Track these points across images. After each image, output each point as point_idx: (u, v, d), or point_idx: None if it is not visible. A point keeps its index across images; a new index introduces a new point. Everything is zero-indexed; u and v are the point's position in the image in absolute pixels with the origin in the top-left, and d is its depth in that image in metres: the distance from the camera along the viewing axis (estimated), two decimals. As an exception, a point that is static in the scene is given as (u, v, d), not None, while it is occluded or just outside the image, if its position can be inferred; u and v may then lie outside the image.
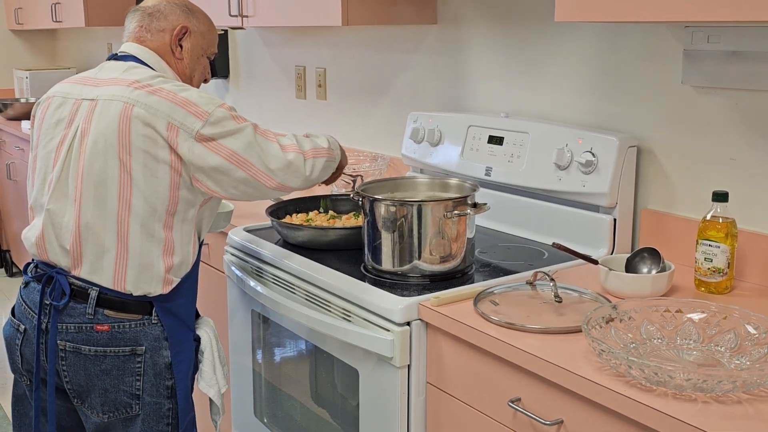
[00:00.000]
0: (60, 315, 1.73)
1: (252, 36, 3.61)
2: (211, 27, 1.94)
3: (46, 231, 1.76)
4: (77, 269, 1.74)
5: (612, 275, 1.73)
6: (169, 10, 1.86)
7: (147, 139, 1.68)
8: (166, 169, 1.70)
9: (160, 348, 1.77)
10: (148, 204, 1.70)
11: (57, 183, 1.74)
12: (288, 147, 1.82)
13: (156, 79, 1.75)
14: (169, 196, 1.71)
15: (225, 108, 1.75)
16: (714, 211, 1.75)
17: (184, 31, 1.86)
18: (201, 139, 1.70)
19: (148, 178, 1.69)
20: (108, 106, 1.71)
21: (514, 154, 2.20)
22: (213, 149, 1.71)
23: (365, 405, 1.83)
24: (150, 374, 1.76)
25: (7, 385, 3.80)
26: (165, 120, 1.68)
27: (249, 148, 1.75)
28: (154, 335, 1.76)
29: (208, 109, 1.72)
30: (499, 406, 1.56)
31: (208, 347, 1.87)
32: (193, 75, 1.91)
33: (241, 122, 1.76)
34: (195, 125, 1.69)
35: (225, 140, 1.72)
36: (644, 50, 2.00)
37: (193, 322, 1.87)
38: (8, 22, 5.73)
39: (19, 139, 4.68)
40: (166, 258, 1.74)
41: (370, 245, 1.89)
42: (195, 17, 1.90)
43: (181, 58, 1.88)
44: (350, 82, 3.06)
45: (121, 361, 1.74)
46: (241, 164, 1.74)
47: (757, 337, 1.43)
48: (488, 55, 2.44)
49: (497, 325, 1.57)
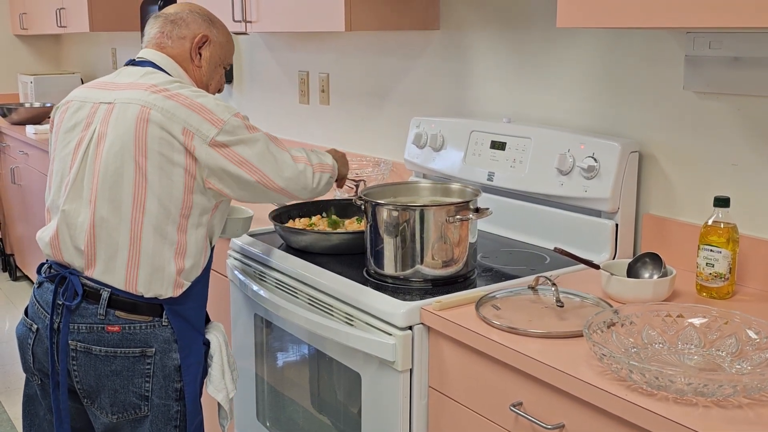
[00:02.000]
0: (72, 315, 1.75)
1: (256, 41, 3.63)
2: (230, 38, 1.98)
3: (60, 231, 1.78)
4: (90, 270, 1.76)
5: (614, 280, 1.74)
6: (191, 19, 1.90)
7: (163, 141, 1.71)
8: (180, 172, 1.72)
9: (169, 350, 1.78)
10: (162, 206, 1.72)
11: (73, 184, 1.77)
12: (299, 158, 1.86)
13: (173, 84, 1.78)
14: (183, 198, 1.74)
15: (239, 117, 1.78)
16: (716, 216, 1.75)
17: (204, 39, 1.90)
18: (215, 145, 1.73)
19: (163, 181, 1.72)
20: (125, 109, 1.74)
21: (516, 159, 2.20)
22: (226, 156, 1.74)
23: (367, 409, 1.84)
24: (159, 376, 1.77)
25: (11, 389, 3.81)
26: (181, 125, 1.71)
27: (262, 157, 1.78)
28: (164, 337, 1.77)
29: (223, 117, 1.74)
30: (501, 410, 1.57)
31: (217, 351, 1.88)
32: (210, 83, 1.94)
33: (254, 132, 1.79)
34: (210, 132, 1.72)
35: (238, 147, 1.75)
36: (646, 56, 2.01)
37: (202, 325, 1.88)
38: (13, 27, 5.76)
39: (24, 143, 4.69)
40: (178, 261, 1.76)
41: (372, 250, 1.89)
42: (215, 27, 1.93)
43: (200, 66, 1.91)
44: (353, 87, 3.07)
45: (130, 362, 1.76)
46: (254, 172, 1.77)
47: (758, 341, 1.44)
48: (490, 61, 2.45)
49: (499, 330, 1.58)
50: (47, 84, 5.40)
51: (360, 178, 2.33)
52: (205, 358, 1.87)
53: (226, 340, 1.92)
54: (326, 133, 3.25)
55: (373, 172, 2.73)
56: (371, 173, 2.71)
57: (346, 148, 3.11)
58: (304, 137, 3.38)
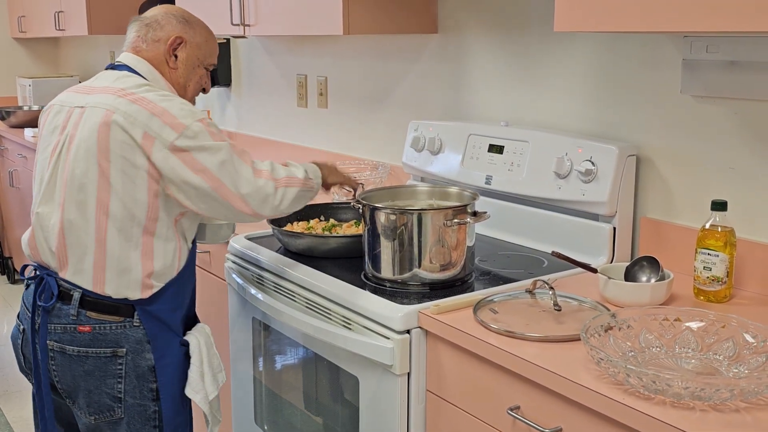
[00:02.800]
0: (49, 316, 1.79)
1: (254, 44, 3.63)
2: (209, 38, 1.96)
3: (36, 233, 1.82)
4: (63, 271, 1.79)
5: (611, 284, 1.74)
6: (165, 21, 1.90)
7: (125, 145, 1.72)
8: (144, 176, 1.73)
9: (142, 351, 1.80)
10: (126, 209, 1.74)
11: (47, 187, 1.80)
12: (261, 172, 1.80)
13: (141, 87, 1.79)
14: (148, 202, 1.75)
15: (203, 123, 1.76)
16: (713, 220, 1.76)
17: (179, 41, 1.89)
18: (175, 150, 1.72)
19: (127, 184, 1.73)
20: (93, 114, 1.76)
21: (514, 162, 2.20)
22: (186, 162, 1.72)
23: (365, 412, 1.84)
24: (132, 376, 1.80)
25: (9, 392, 3.81)
26: (142, 129, 1.71)
27: (222, 167, 1.74)
28: (136, 338, 1.79)
29: (185, 122, 1.73)
30: (499, 414, 1.57)
31: (196, 353, 1.88)
32: (188, 85, 1.93)
33: (217, 139, 1.76)
34: (170, 136, 1.71)
35: (199, 155, 1.73)
36: (643, 60, 2.01)
37: (180, 327, 1.89)
38: (11, 30, 5.76)
39: (22, 146, 4.70)
40: (146, 263, 1.77)
41: (370, 253, 1.89)
42: (192, 28, 1.92)
43: (176, 68, 1.90)
44: (351, 90, 3.07)
45: (102, 363, 1.78)
46: (212, 181, 1.74)
47: (755, 345, 1.44)
48: (488, 64, 2.45)
49: (497, 333, 1.58)
50: (46, 87, 5.40)
51: (358, 181, 2.33)
52: (188, 358, 1.89)
53: (209, 342, 1.93)
54: (324, 137, 3.25)
55: (371, 175, 2.73)
56: (369, 176, 2.72)
57: (344, 152, 3.11)
58: (303, 141, 3.38)
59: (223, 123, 3.97)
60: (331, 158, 3.07)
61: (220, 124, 3.97)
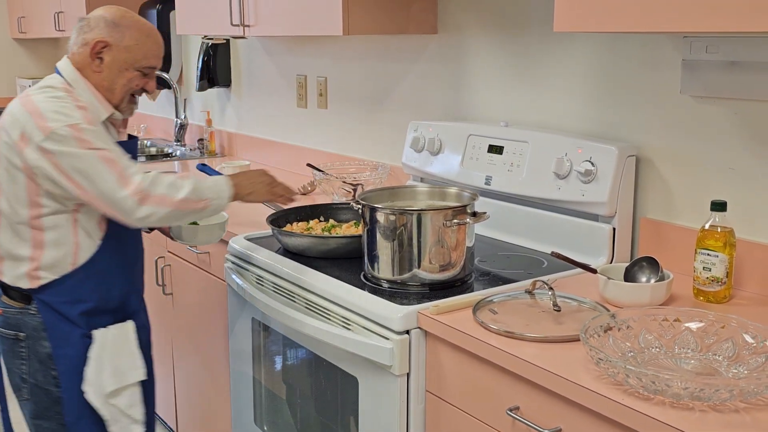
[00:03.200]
0: None
1: (253, 45, 3.63)
2: (143, 41, 1.94)
3: None
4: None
5: (611, 284, 1.74)
6: (94, 24, 1.93)
7: (7, 145, 1.83)
8: (22, 175, 1.82)
9: (38, 338, 1.92)
10: (11, 207, 1.86)
11: None
12: (130, 185, 1.79)
13: (42, 89, 1.87)
14: (29, 200, 1.83)
15: (74, 129, 1.78)
16: (713, 220, 1.75)
17: (101, 45, 1.91)
18: (43, 152, 1.78)
19: (9, 184, 1.85)
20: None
21: (513, 163, 2.20)
22: (53, 165, 1.79)
23: (365, 413, 1.84)
24: (34, 360, 1.93)
25: None
26: (20, 129, 1.80)
27: (83, 175, 1.78)
28: (33, 325, 1.92)
29: (52, 125, 1.78)
30: (498, 414, 1.56)
31: (96, 346, 1.93)
32: (114, 87, 1.93)
33: (84, 147, 1.78)
34: (38, 138, 1.78)
35: (62, 159, 1.78)
36: (643, 60, 2.01)
37: (82, 319, 1.93)
38: (11, 30, 5.76)
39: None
40: (34, 256, 1.88)
41: (369, 254, 1.89)
42: (120, 32, 1.91)
43: (100, 71, 1.92)
44: (351, 91, 3.07)
45: (10, 344, 1.96)
46: (77, 187, 1.80)
47: (754, 346, 1.44)
48: (488, 65, 2.45)
49: (496, 334, 1.58)
50: (45, 87, 5.40)
51: (358, 182, 2.34)
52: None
53: (125, 338, 1.96)
54: (324, 137, 3.25)
55: (371, 176, 2.73)
56: (369, 177, 2.72)
57: (344, 152, 3.11)
58: (302, 141, 3.38)
59: (222, 123, 3.97)
60: (331, 159, 3.07)
61: (219, 124, 3.97)
